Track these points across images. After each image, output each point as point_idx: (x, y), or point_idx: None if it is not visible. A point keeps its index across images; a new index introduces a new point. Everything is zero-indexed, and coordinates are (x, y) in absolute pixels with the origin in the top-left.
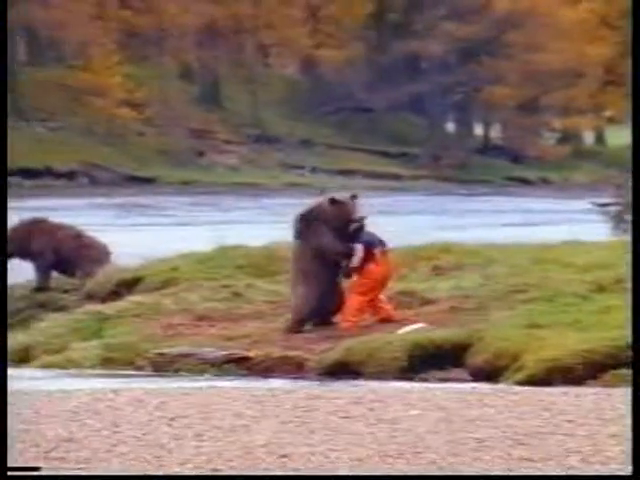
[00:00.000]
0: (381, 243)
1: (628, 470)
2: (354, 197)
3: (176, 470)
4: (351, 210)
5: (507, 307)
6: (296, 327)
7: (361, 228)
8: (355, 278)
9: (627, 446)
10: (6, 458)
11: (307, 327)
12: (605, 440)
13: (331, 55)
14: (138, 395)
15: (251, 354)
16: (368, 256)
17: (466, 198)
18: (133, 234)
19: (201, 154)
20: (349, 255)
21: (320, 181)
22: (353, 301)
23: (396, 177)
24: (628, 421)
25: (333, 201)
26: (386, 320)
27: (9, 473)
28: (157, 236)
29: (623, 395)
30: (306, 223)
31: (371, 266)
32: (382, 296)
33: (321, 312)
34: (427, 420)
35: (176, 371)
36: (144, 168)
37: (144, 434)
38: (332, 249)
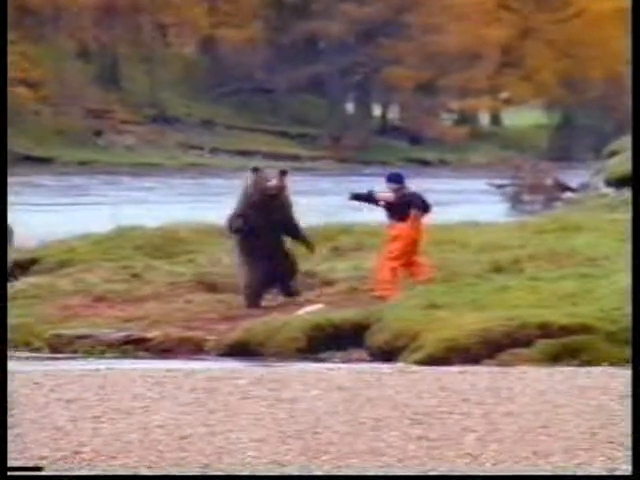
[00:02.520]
0: (421, 206)
1: (628, 470)
2: (283, 173)
3: (75, 451)
4: (268, 179)
5: (406, 287)
6: (250, 302)
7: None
8: (386, 244)
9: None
10: (6, 458)
11: (269, 297)
12: (500, 419)
13: (230, 35)
14: (34, 377)
15: (150, 335)
16: (401, 218)
17: (366, 178)
18: (28, 215)
19: (99, 134)
20: (240, 231)
21: (220, 162)
22: (384, 268)
23: (296, 158)
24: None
25: (255, 169)
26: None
27: (9, 473)
28: (53, 217)
29: (519, 374)
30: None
31: (401, 229)
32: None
33: (273, 281)
34: (326, 400)
35: (74, 352)
36: (40, 148)
37: (41, 417)
38: (228, 223)
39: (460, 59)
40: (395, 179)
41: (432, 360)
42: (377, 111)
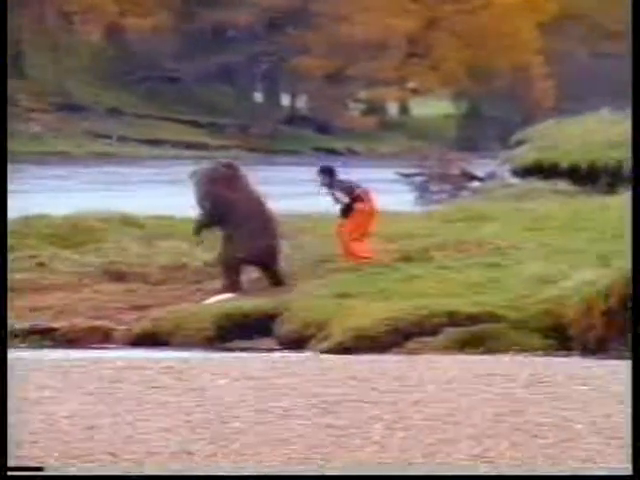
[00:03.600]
0: (357, 184)
1: (628, 470)
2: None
3: None
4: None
5: (315, 277)
6: (228, 280)
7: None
8: (348, 222)
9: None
10: (6, 458)
11: (253, 275)
12: (408, 407)
13: (137, 23)
14: None
15: (56, 325)
16: (354, 198)
17: (273, 168)
18: None
19: None
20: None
21: (128, 150)
22: (354, 244)
23: (205, 147)
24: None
25: (228, 165)
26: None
27: (9, 473)
28: None
29: (427, 362)
30: (210, 183)
31: (359, 205)
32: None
33: (252, 257)
34: (235, 389)
35: None
36: None
37: None
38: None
39: (367, 49)
40: (327, 171)
41: (341, 349)
42: (286, 100)
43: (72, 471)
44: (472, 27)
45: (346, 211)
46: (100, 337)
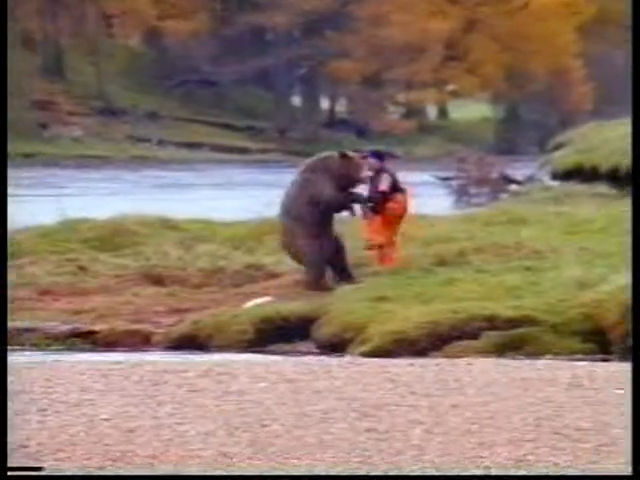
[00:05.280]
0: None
1: (628, 470)
2: (364, 157)
3: (21, 445)
4: (359, 168)
5: (354, 280)
6: (317, 281)
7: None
8: (376, 218)
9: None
10: (6, 458)
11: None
12: (447, 411)
13: (175, 26)
14: None
15: (97, 328)
16: (393, 191)
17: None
18: None
19: (44, 126)
20: (346, 208)
21: (166, 154)
22: (381, 249)
23: (243, 150)
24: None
25: (343, 155)
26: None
27: (9, 473)
28: None
29: (465, 366)
30: (311, 172)
31: (393, 205)
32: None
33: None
34: (274, 392)
35: (20, 345)
36: None
37: None
38: (333, 200)
39: (406, 52)
40: (378, 156)
41: (379, 352)
42: (324, 104)
43: (72, 471)
44: (510, 30)
45: (378, 207)
46: (140, 340)
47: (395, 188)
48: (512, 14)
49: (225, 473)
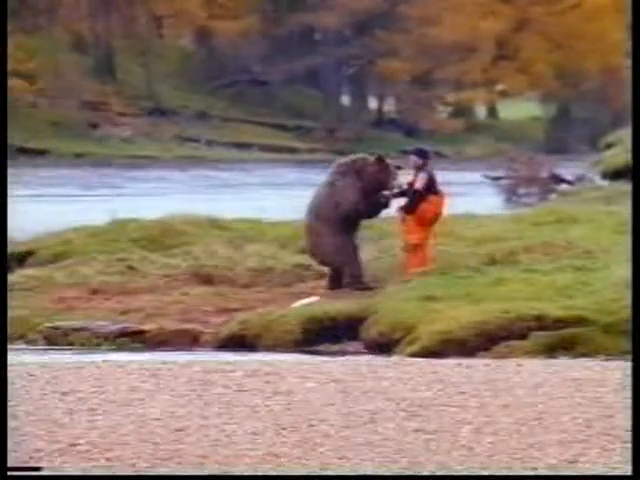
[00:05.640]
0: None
1: (628, 470)
2: (399, 168)
3: (71, 444)
4: (391, 175)
5: (402, 280)
6: (361, 281)
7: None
8: (410, 218)
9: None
10: (6, 458)
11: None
12: (496, 411)
13: (225, 27)
14: (30, 369)
15: (146, 327)
16: (423, 196)
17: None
18: (23, 206)
19: (95, 126)
20: (369, 215)
21: (216, 154)
22: (414, 253)
23: (292, 150)
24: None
25: (380, 159)
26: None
27: (9, 473)
28: (49, 209)
29: (515, 366)
30: (340, 174)
31: (427, 206)
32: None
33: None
34: (322, 392)
35: (70, 344)
36: (36, 140)
37: (36, 408)
38: (355, 208)
39: (455, 51)
40: (423, 153)
41: (428, 352)
42: (373, 103)
43: (72, 471)
44: (561, 29)
45: (412, 205)
46: (188, 340)
47: (431, 189)
48: (563, 13)
49: (274, 473)
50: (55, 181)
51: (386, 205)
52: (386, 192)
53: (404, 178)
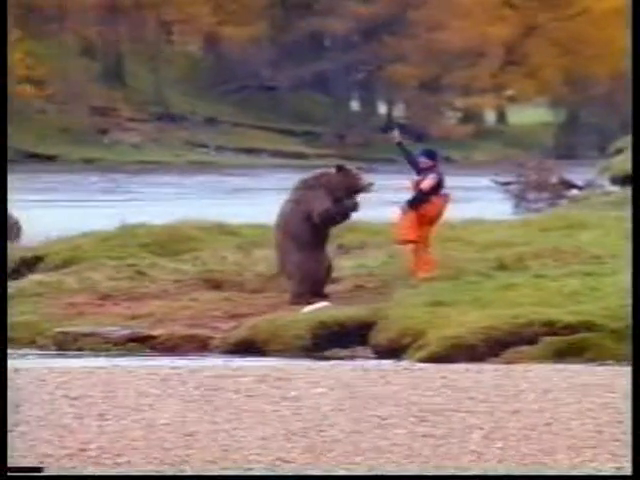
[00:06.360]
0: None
1: (628, 470)
2: (360, 168)
3: (80, 449)
4: (357, 178)
5: (411, 285)
6: (301, 297)
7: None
8: (410, 215)
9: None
10: (6, 458)
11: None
12: (505, 416)
13: (234, 32)
14: (40, 374)
15: (155, 333)
16: (433, 190)
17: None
18: (33, 212)
19: (104, 132)
20: (343, 217)
21: (225, 160)
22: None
23: (301, 156)
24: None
25: (340, 168)
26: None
27: (9, 473)
28: (58, 214)
29: (524, 371)
30: (307, 188)
31: (428, 206)
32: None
33: (319, 281)
34: (331, 398)
35: (79, 350)
36: (45, 145)
37: (46, 413)
38: (331, 214)
39: (464, 57)
40: (432, 155)
41: (437, 358)
42: (382, 109)
43: (72, 471)
44: (570, 34)
45: (417, 202)
46: (198, 345)
47: (435, 191)
48: (571, 19)
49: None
50: (65, 186)
51: (355, 208)
52: (353, 198)
53: (369, 178)
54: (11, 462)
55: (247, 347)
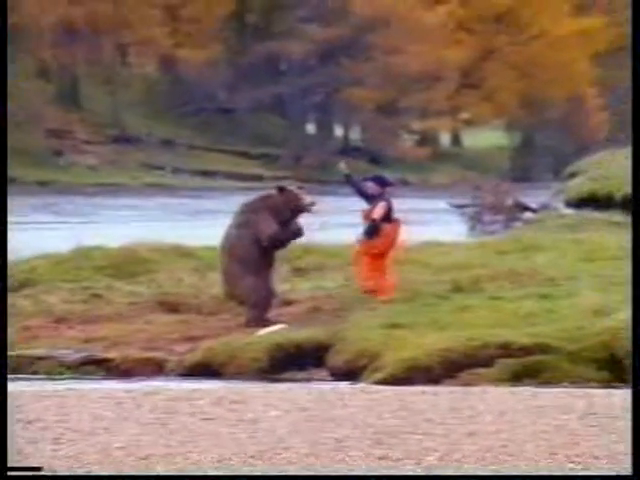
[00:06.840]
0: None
1: (628, 470)
2: (300, 188)
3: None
4: (300, 198)
5: (368, 307)
6: (259, 320)
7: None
8: (369, 241)
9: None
10: (6, 458)
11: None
12: (462, 438)
13: (191, 55)
14: None
15: (110, 356)
16: (384, 217)
17: (326, 198)
18: None
19: (59, 154)
20: (289, 240)
21: (181, 181)
22: (364, 265)
23: (258, 178)
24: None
25: (281, 189)
26: (371, 292)
27: (9, 473)
28: (13, 237)
29: (480, 393)
30: (252, 212)
31: (386, 230)
32: (389, 266)
33: (270, 303)
34: (287, 420)
35: (34, 373)
36: None
37: None
38: (279, 237)
39: (421, 80)
40: (379, 181)
41: (393, 380)
42: (339, 131)
43: (72, 471)
44: (526, 58)
45: (372, 232)
46: (153, 368)
47: (386, 218)
48: (528, 42)
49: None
50: (20, 209)
51: (299, 233)
52: (298, 221)
53: (310, 197)
54: None
55: (203, 370)
